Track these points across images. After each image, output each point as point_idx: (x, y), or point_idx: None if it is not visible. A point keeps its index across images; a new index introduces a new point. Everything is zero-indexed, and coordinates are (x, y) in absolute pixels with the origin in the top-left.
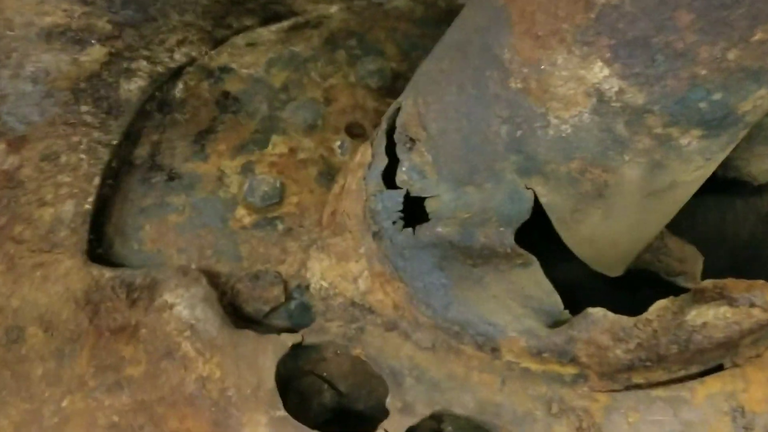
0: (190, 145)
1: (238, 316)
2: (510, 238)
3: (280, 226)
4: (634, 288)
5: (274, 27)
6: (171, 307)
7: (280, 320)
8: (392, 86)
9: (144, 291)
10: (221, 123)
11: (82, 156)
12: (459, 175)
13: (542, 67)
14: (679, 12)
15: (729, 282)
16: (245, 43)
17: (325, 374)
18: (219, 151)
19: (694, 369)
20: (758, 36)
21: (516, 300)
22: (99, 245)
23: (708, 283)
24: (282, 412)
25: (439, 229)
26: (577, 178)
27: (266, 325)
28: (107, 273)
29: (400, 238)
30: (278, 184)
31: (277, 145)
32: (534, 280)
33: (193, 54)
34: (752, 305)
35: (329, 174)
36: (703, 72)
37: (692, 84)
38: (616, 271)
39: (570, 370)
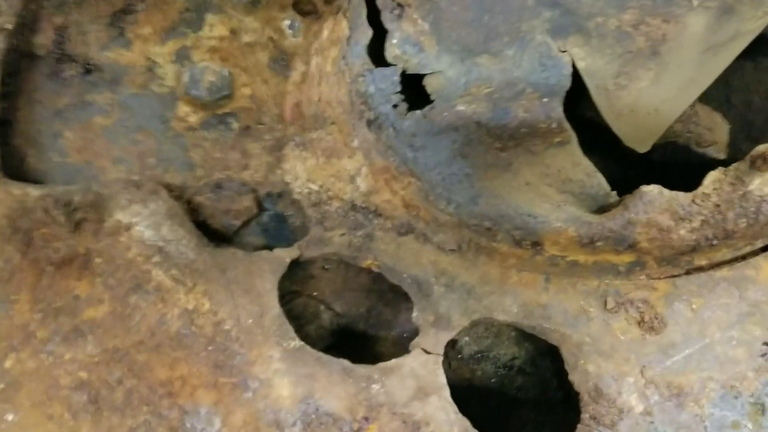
0: (106, 28)
1: (205, 234)
2: (558, 110)
3: (235, 125)
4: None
5: None
6: (128, 228)
7: (253, 236)
8: None
9: (88, 211)
10: (140, 1)
11: None
12: (468, 42)
13: None
14: None
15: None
16: None
17: (315, 294)
18: (143, 36)
19: (759, 243)
20: None
21: (554, 185)
22: (8, 160)
23: (766, 147)
24: (297, 342)
25: (461, 108)
26: (629, 32)
27: (238, 244)
28: (33, 191)
29: (406, 125)
30: (225, 73)
31: (215, 26)
32: (572, 161)
33: None
34: None
35: (282, 60)
36: None
37: None
38: (645, 146)
39: (626, 258)
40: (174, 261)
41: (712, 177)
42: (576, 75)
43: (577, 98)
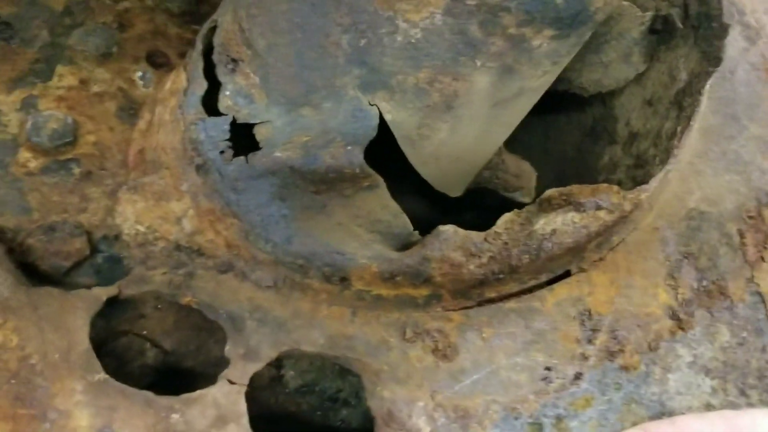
0: None
1: (33, 276)
2: (359, 157)
3: (77, 170)
4: (457, 213)
5: None
6: None
7: (85, 277)
8: (197, 11)
9: None
10: None
11: None
12: (292, 95)
13: None
14: None
15: (574, 188)
16: None
17: (145, 332)
18: None
19: (544, 277)
20: None
21: (363, 225)
22: None
23: (553, 191)
24: (102, 375)
25: (278, 154)
26: (425, 89)
27: (69, 284)
28: None
29: (230, 169)
30: (69, 121)
31: (64, 77)
32: (381, 203)
33: None
34: (599, 208)
35: (131, 108)
36: None
37: None
38: (457, 191)
39: (423, 292)
40: None
41: (505, 218)
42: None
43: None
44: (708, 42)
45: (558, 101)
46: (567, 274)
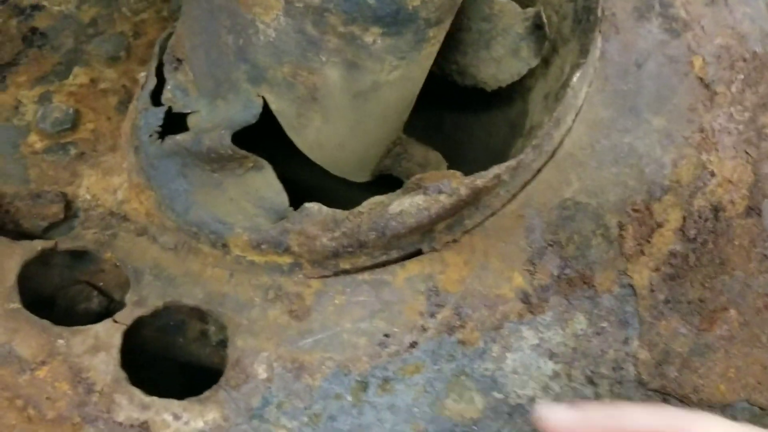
0: None
1: (19, 232)
2: (227, 139)
3: (73, 151)
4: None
5: None
6: None
7: (62, 236)
8: None
9: None
10: (25, 57)
11: None
12: (210, 89)
13: None
14: None
15: (427, 174)
16: None
17: (101, 284)
18: (18, 83)
19: (395, 254)
20: None
21: (251, 201)
22: None
23: (415, 177)
24: (16, 305)
25: (178, 138)
26: (291, 82)
27: (66, 239)
28: None
29: (150, 150)
30: (71, 111)
31: (78, 76)
32: (266, 182)
33: None
34: (440, 192)
35: (129, 102)
36: None
37: None
38: (360, 177)
39: (286, 260)
40: None
41: (373, 199)
42: None
43: None
44: (585, 35)
45: (493, 98)
46: (420, 252)
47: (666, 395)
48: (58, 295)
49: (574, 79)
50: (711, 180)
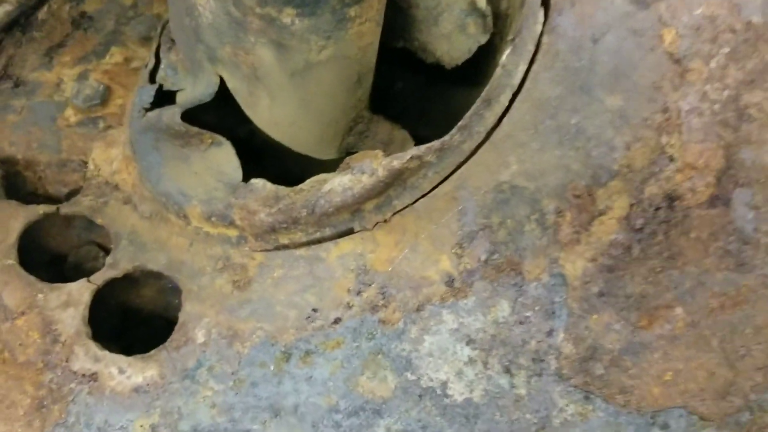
0: (40, 57)
1: (45, 196)
2: (177, 117)
3: (102, 125)
4: None
5: None
6: None
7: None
8: None
9: None
10: (72, 38)
11: None
12: (189, 68)
13: None
14: None
15: (355, 155)
16: None
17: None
18: (62, 62)
19: (328, 231)
20: None
21: (213, 176)
22: None
23: (348, 157)
24: (11, 261)
25: (149, 115)
26: (234, 61)
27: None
28: None
29: (135, 125)
30: (101, 88)
31: (114, 55)
32: (226, 158)
33: None
34: (362, 172)
35: None
36: None
37: None
38: (326, 155)
39: (233, 232)
40: None
41: (315, 178)
42: None
43: None
44: (517, 11)
45: (472, 75)
46: (352, 231)
47: (589, 393)
48: (71, 253)
49: (504, 57)
50: (669, 165)
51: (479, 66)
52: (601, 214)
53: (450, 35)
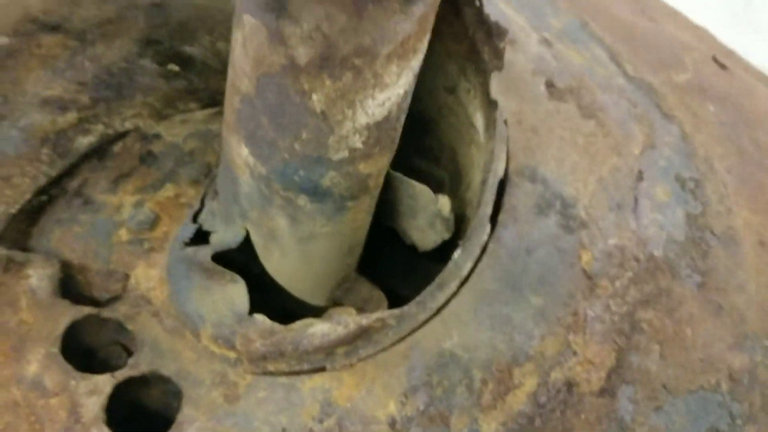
0: (109, 183)
1: (90, 299)
2: (208, 257)
3: (147, 246)
4: None
5: (206, 111)
6: (27, 277)
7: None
8: None
9: (12, 264)
10: (137, 171)
11: (27, 180)
12: (225, 217)
13: (229, 143)
14: (261, 117)
15: (337, 308)
16: (180, 120)
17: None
18: (126, 190)
19: (306, 366)
20: (304, 135)
21: (226, 306)
22: (25, 239)
23: (331, 309)
24: (55, 350)
25: (187, 250)
26: (259, 223)
27: (108, 309)
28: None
29: (174, 255)
30: (152, 216)
31: (168, 190)
32: (239, 294)
33: (139, 124)
34: (339, 324)
35: None
36: (286, 156)
37: (284, 163)
38: (317, 302)
39: (233, 355)
40: (36, 297)
41: (305, 320)
42: None
43: None
44: (470, 226)
45: (443, 255)
46: (324, 368)
47: None
48: (101, 350)
49: (455, 255)
50: (572, 358)
51: (447, 250)
52: (515, 387)
53: (423, 228)
